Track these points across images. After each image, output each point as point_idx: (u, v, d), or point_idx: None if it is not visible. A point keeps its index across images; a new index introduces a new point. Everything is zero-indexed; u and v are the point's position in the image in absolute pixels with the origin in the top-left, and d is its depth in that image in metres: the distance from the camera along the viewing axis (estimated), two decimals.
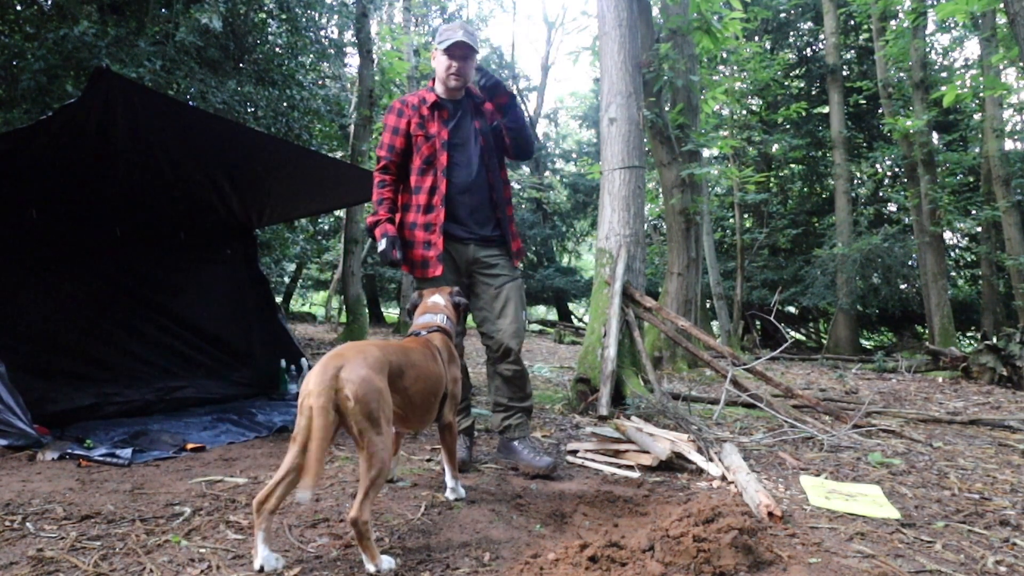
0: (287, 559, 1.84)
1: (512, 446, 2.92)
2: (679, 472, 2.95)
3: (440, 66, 2.88)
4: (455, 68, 2.84)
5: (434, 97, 2.91)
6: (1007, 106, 12.58)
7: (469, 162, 2.91)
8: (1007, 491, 2.77)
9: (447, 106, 2.93)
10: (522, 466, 2.82)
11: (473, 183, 2.90)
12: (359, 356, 1.88)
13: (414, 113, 2.88)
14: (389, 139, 2.89)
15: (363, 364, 1.85)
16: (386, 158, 2.90)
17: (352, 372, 1.80)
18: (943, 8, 6.83)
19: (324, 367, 1.81)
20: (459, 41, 2.79)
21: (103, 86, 2.97)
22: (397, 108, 2.92)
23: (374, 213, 2.87)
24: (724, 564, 1.77)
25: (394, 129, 2.89)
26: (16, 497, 2.31)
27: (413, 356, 2.19)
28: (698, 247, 7.87)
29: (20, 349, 3.58)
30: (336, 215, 14.82)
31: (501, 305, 2.88)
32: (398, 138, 2.88)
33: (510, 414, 2.95)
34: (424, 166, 2.86)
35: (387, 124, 2.91)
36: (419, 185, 2.86)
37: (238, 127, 4.44)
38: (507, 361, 2.88)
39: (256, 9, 7.95)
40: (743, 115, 14.44)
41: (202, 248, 4.93)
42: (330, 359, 1.84)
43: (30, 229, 3.92)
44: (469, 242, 2.90)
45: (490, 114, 3.00)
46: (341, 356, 1.86)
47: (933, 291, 10.65)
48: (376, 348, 2.00)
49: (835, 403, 5.00)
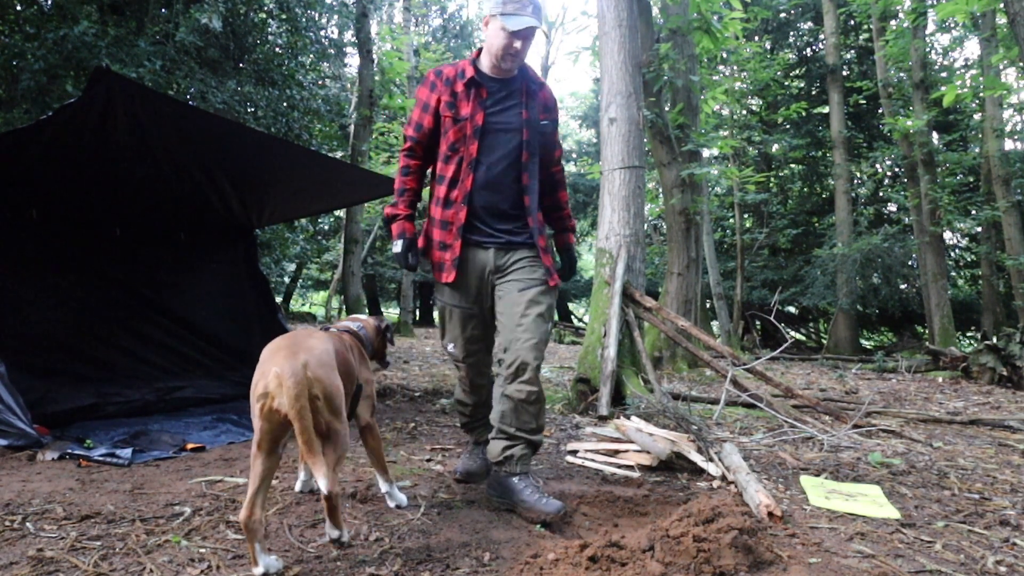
0: (287, 559, 1.84)
1: (510, 483, 2.31)
2: (679, 472, 2.95)
3: (496, 40, 2.33)
4: (516, 50, 2.32)
5: (472, 72, 2.41)
6: (1007, 106, 12.58)
7: (506, 154, 2.40)
8: (1007, 491, 2.77)
9: (489, 85, 2.42)
10: (522, 509, 2.26)
11: (504, 180, 2.41)
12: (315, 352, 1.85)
13: (446, 89, 2.41)
14: (418, 116, 2.46)
15: (321, 363, 1.84)
16: (412, 138, 2.47)
17: (318, 371, 1.80)
18: (943, 8, 6.84)
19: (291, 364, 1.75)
20: (532, 27, 2.29)
21: (103, 86, 2.97)
22: (430, 80, 2.46)
23: (393, 204, 2.47)
24: (724, 564, 1.77)
25: (424, 105, 2.45)
26: (16, 497, 2.31)
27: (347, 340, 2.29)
28: (698, 247, 7.87)
29: (20, 349, 3.57)
30: (336, 215, 14.83)
31: (520, 312, 2.33)
32: (427, 116, 2.43)
33: (513, 444, 2.34)
34: (449, 153, 2.41)
35: (418, 98, 2.48)
36: (442, 174, 2.44)
37: (238, 127, 4.44)
38: (520, 380, 2.28)
39: (256, 9, 7.95)
40: (743, 115, 14.45)
41: (202, 248, 4.93)
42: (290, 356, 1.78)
43: (30, 229, 3.92)
44: (490, 247, 2.42)
45: (542, 107, 2.49)
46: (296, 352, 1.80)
47: (933, 291, 10.65)
48: (321, 341, 1.95)
49: (835, 403, 5.00)
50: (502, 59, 2.36)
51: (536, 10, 2.31)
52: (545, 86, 2.54)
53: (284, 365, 1.75)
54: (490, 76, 2.42)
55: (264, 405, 1.74)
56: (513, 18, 2.27)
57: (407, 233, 2.42)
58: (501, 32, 2.30)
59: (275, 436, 1.77)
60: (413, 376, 6.39)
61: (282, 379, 1.73)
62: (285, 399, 1.71)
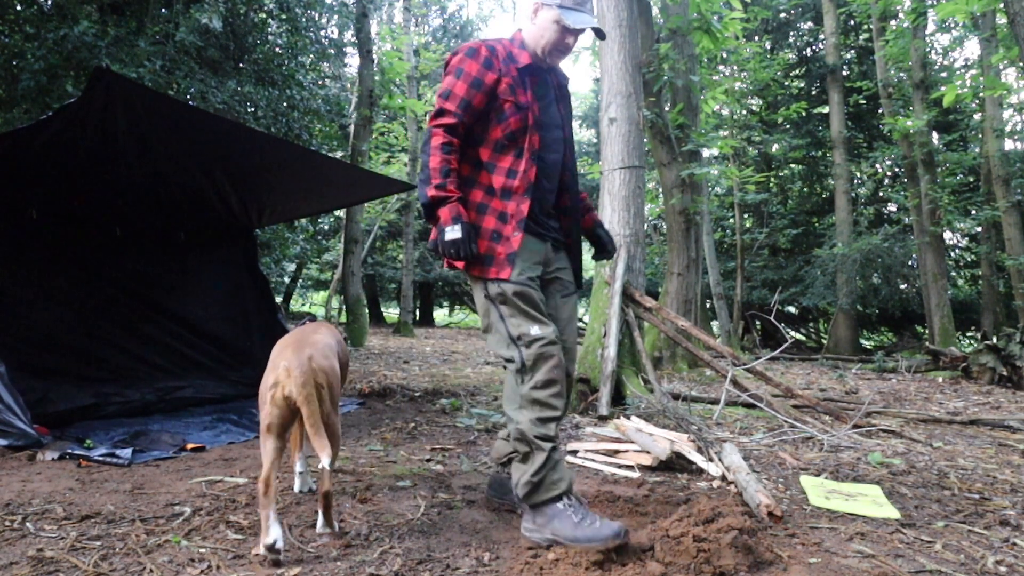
0: (287, 559, 1.84)
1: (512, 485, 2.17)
2: (679, 472, 2.95)
3: (548, 34, 2.17)
4: (567, 46, 2.21)
5: (528, 58, 2.22)
6: (1007, 106, 12.58)
7: (557, 151, 2.29)
8: (1007, 491, 2.77)
9: (541, 75, 2.26)
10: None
11: (556, 177, 2.31)
12: (319, 346, 2.09)
13: (507, 69, 2.17)
14: (466, 92, 2.12)
15: (324, 354, 2.08)
16: (458, 115, 2.12)
17: (321, 361, 2.04)
18: (943, 8, 6.84)
19: (298, 357, 1.98)
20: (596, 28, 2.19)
21: (103, 86, 2.97)
22: (483, 55, 2.16)
23: (439, 185, 2.07)
24: (724, 564, 1.77)
25: (476, 81, 2.13)
26: (16, 497, 2.31)
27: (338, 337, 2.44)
28: (698, 247, 7.87)
29: (20, 349, 3.58)
30: (336, 215, 14.83)
31: (567, 318, 2.29)
32: (479, 94, 2.13)
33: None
34: (506, 142, 2.18)
35: (465, 71, 2.14)
36: (494, 163, 2.19)
37: (238, 127, 4.44)
38: None
39: (256, 9, 7.95)
40: (743, 115, 14.45)
41: (202, 248, 4.93)
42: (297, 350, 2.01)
43: (30, 229, 3.92)
44: (547, 240, 2.27)
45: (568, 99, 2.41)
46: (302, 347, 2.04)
47: (933, 291, 10.65)
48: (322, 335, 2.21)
49: (835, 403, 5.00)
50: (550, 54, 2.21)
51: (590, 7, 2.20)
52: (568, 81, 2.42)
53: (292, 359, 1.99)
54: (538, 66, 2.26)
55: (275, 393, 1.96)
56: (574, 14, 2.14)
57: (464, 217, 2.07)
58: (555, 25, 2.15)
59: (284, 421, 1.98)
60: (413, 376, 6.39)
61: (291, 371, 1.96)
62: (294, 387, 1.94)
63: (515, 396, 2.06)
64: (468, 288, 21.10)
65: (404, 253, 14.41)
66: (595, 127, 19.84)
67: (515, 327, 2.07)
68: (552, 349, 2.04)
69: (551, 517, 1.95)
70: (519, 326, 2.06)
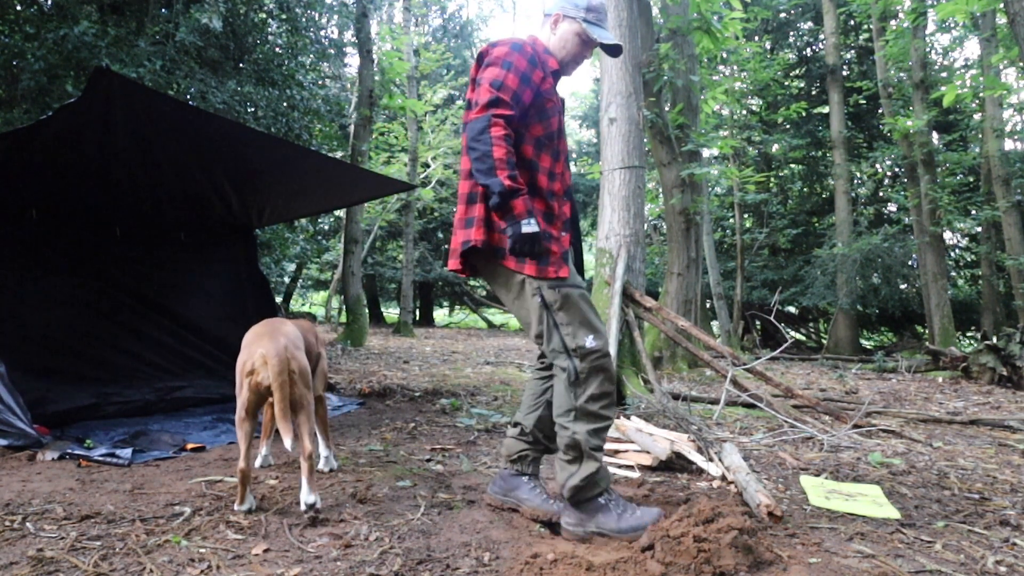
0: (287, 559, 1.84)
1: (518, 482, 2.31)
2: (679, 472, 2.95)
3: (570, 46, 2.23)
4: (584, 59, 2.29)
5: (556, 64, 2.25)
6: (1007, 106, 12.58)
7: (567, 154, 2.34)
8: (1007, 491, 2.77)
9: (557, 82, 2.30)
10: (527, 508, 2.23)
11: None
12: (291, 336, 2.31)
13: (547, 70, 2.19)
14: (517, 85, 2.07)
15: (295, 344, 2.30)
16: (510, 106, 2.04)
17: (295, 351, 2.26)
18: (943, 8, 6.84)
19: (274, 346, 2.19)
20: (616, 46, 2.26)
21: (103, 86, 2.97)
22: (529, 52, 2.13)
23: (511, 176, 1.97)
24: (724, 564, 1.77)
25: (524, 77, 2.10)
26: (16, 497, 2.31)
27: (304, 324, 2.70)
28: (698, 247, 7.87)
29: (20, 349, 3.57)
30: (336, 215, 14.83)
31: None
32: (528, 90, 2.11)
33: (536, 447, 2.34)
34: (546, 140, 2.18)
35: (514, 64, 2.08)
36: (536, 160, 2.17)
37: (238, 127, 4.44)
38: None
39: (256, 9, 7.94)
40: (743, 115, 14.45)
41: (202, 248, 4.93)
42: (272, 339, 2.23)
43: (30, 229, 3.92)
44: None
45: None
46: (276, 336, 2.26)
47: (933, 291, 10.65)
48: (290, 326, 2.42)
49: (835, 403, 5.00)
50: (568, 64, 2.27)
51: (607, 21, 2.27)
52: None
53: (268, 347, 2.19)
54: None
55: (252, 380, 2.17)
56: (598, 30, 2.21)
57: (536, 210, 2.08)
58: (576, 38, 2.22)
59: (257, 404, 2.24)
60: (413, 376, 6.39)
61: (267, 358, 2.16)
62: (270, 374, 2.15)
63: (567, 404, 2.07)
64: (468, 288, 21.08)
65: (404, 253, 14.41)
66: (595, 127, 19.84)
67: (570, 338, 2.06)
68: (605, 362, 2.07)
69: (594, 512, 2.03)
70: (575, 336, 2.06)
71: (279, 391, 2.12)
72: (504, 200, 1.96)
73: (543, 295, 2.07)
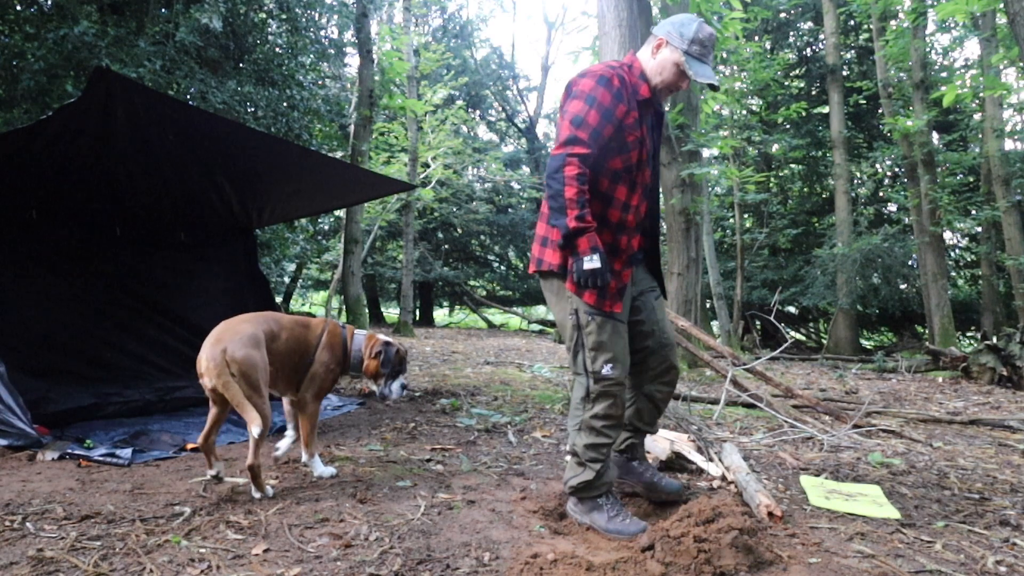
0: (287, 559, 1.84)
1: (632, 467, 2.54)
2: (679, 472, 2.95)
3: (667, 75, 2.22)
4: (680, 88, 2.27)
5: (647, 91, 2.24)
6: (1007, 106, 12.57)
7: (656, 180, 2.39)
8: (1007, 491, 2.77)
9: (651, 107, 2.29)
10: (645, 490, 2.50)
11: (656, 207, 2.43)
12: (236, 337, 2.39)
13: (633, 102, 2.19)
14: (597, 121, 2.09)
15: (241, 344, 2.37)
16: (589, 144, 2.08)
17: (235, 352, 2.34)
18: (943, 8, 6.84)
19: (212, 351, 2.34)
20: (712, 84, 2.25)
21: (103, 86, 2.97)
22: (616, 84, 2.14)
23: (579, 216, 2.04)
24: (724, 564, 1.77)
25: (607, 112, 2.11)
26: (16, 497, 2.31)
27: (284, 321, 2.69)
28: (698, 247, 7.86)
29: (20, 349, 3.57)
30: (336, 215, 14.83)
31: (662, 317, 2.45)
32: (609, 126, 2.12)
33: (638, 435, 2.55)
34: (624, 173, 2.21)
35: (598, 100, 2.10)
36: (611, 194, 2.21)
37: (238, 127, 4.44)
38: (664, 381, 2.44)
39: (256, 9, 7.95)
40: (743, 115, 14.44)
41: (202, 248, 4.93)
42: (214, 344, 2.36)
43: (30, 229, 3.92)
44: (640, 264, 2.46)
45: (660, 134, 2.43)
46: (221, 340, 2.37)
47: (933, 291, 10.65)
48: (248, 324, 2.49)
49: (835, 403, 5.00)
50: (661, 91, 2.26)
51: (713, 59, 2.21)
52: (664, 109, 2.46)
53: (208, 351, 2.35)
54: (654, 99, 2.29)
55: (200, 381, 2.39)
56: (698, 65, 2.18)
57: (601, 247, 2.11)
58: (675, 68, 2.20)
59: (214, 399, 2.42)
60: (413, 376, 6.39)
61: (206, 363, 2.33)
62: (210, 379, 2.33)
63: (577, 415, 2.27)
64: (468, 288, 21.08)
65: (404, 253, 14.41)
66: None
67: (591, 361, 2.20)
68: (616, 390, 2.22)
69: (591, 508, 2.24)
70: (595, 361, 2.19)
71: (225, 391, 2.31)
72: (568, 241, 2.08)
73: (578, 316, 2.20)
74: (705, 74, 2.18)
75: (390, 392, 2.80)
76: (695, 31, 2.18)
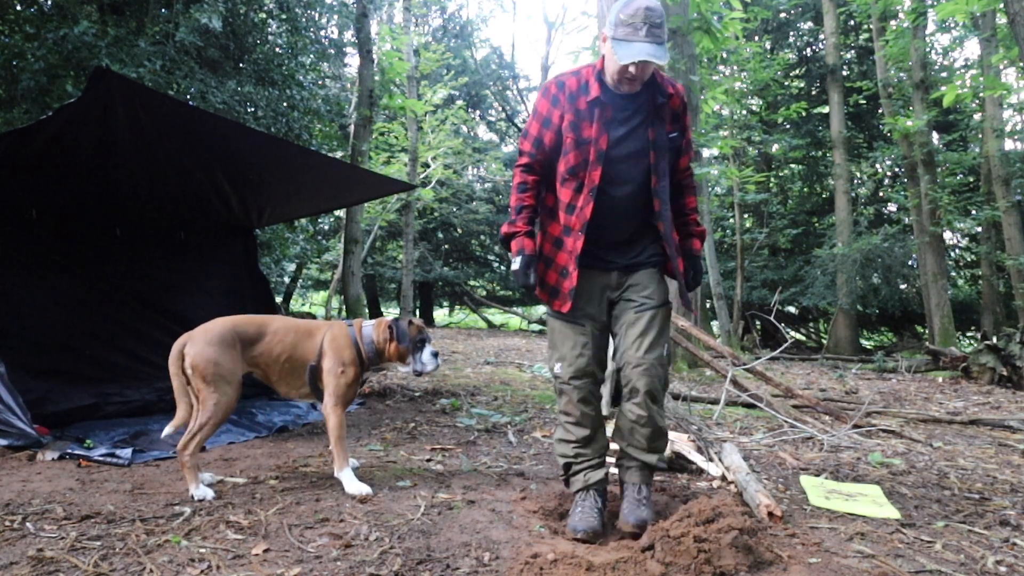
0: (287, 559, 1.84)
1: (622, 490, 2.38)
2: (679, 472, 2.95)
3: (610, 65, 2.13)
4: (631, 75, 2.10)
5: (598, 91, 2.18)
6: (1007, 106, 12.58)
7: (631, 180, 2.23)
8: (1007, 491, 2.77)
9: (615, 103, 2.20)
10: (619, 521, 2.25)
11: (630, 208, 2.27)
12: (201, 334, 2.51)
13: (569, 106, 2.20)
14: (537, 131, 2.27)
15: (203, 341, 2.48)
16: (531, 154, 2.29)
17: (192, 348, 2.46)
18: (943, 8, 6.84)
19: (175, 346, 2.50)
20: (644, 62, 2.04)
21: (103, 86, 2.97)
22: (552, 93, 2.24)
23: (511, 221, 2.30)
24: (724, 564, 1.77)
25: (544, 120, 2.25)
26: (16, 497, 2.31)
27: (275, 324, 2.71)
28: None
29: (20, 349, 3.57)
30: (336, 215, 14.83)
31: (637, 333, 2.26)
32: (548, 132, 2.25)
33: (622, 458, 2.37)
34: (567, 176, 2.24)
35: (538, 110, 2.28)
36: (562, 198, 2.28)
37: (238, 127, 4.44)
38: (633, 402, 2.26)
39: (256, 9, 7.95)
40: (743, 115, 14.44)
41: (202, 248, 4.93)
42: (180, 339, 2.51)
43: (30, 229, 3.92)
44: (613, 270, 2.32)
45: (670, 117, 2.26)
46: (190, 336, 2.51)
47: (933, 291, 10.65)
48: (221, 324, 2.57)
49: (835, 403, 5.00)
50: (618, 84, 2.15)
51: (652, 32, 2.01)
52: (675, 94, 2.26)
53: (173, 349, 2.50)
54: (615, 93, 2.19)
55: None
56: (623, 46, 2.03)
57: (526, 250, 2.25)
58: (612, 59, 2.09)
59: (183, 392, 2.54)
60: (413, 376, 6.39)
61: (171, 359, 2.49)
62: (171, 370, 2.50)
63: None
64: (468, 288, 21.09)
65: (404, 253, 14.41)
66: None
67: (550, 358, 2.38)
68: (566, 388, 2.30)
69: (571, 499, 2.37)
70: (551, 359, 2.37)
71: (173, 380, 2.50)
72: (503, 244, 2.37)
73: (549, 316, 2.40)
74: (629, 54, 2.01)
75: (423, 366, 2.62)
76: (618, 11, 2.07)
